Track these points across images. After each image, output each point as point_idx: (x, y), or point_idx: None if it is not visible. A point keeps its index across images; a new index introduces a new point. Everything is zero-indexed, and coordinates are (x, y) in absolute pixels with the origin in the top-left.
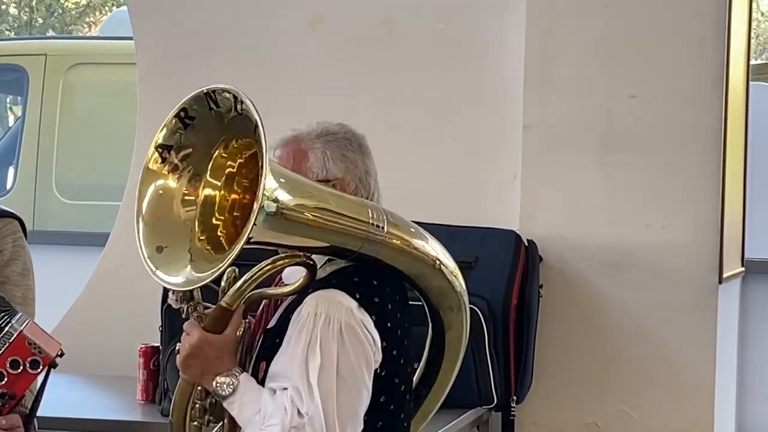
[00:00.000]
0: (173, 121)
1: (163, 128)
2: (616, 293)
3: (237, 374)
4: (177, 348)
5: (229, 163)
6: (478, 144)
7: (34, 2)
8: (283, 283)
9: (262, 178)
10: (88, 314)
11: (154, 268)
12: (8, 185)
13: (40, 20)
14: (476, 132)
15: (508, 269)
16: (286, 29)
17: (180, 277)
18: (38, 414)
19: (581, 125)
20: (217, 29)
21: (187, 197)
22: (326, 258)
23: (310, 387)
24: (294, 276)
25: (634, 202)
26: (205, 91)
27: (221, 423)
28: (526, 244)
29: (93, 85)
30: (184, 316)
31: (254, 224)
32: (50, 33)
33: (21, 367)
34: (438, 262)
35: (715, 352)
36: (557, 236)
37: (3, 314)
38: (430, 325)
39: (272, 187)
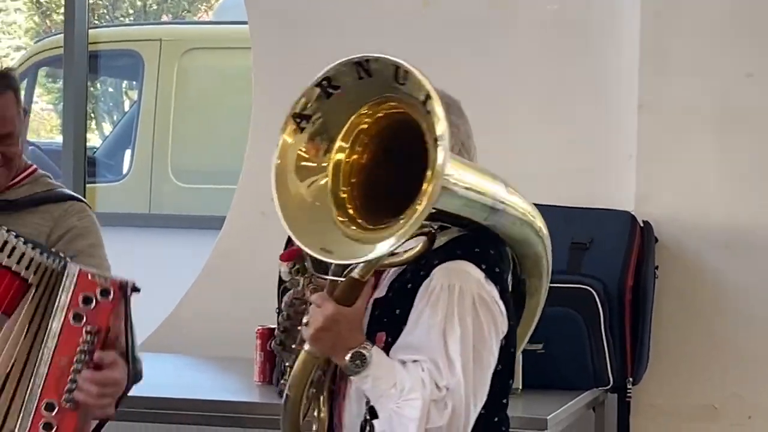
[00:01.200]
0: (313, 90)
1: (301, 97)
2: (732, 274)
3: (369, 347)
4: (305, 321)
5: (361, 128)
6: (593, 125)
7: None
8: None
9: (442, 151)
10: (205, 297)
11: (330, 259)
12: (124, 170)
13: (155, 6)
14: (591, 113)
15: (623, 250)
16: (399, 10)
17: (346, 251)
18: (157, 395)
19: (697, 105)
20: (331, 11)
21: (320, 165)
22: (437, 225)
23: (451, 360)
24: (405, 244)
25: (750, 182)
26: (356, 59)
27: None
28: (642, 225)
29: (207, 70)
30: (298, 288)
31: (433, 198)
32: (164, 18)
33: (94, 301)
34: (540, 228)
35: None
36: (673, 217)
37: (55, 258)
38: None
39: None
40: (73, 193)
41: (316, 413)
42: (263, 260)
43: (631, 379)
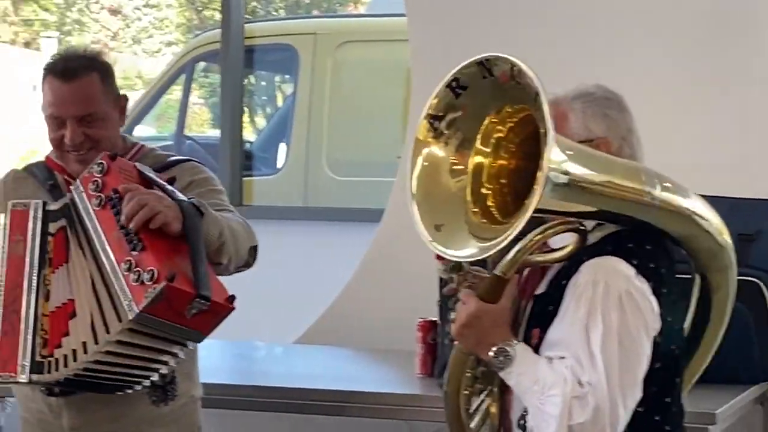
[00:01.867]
0: (444, 91)
1: (434, 98)
2: None
3: (513, 344)
4: (452, 317)
5: (498, 128)
6: (758, 114)
7: None
8: (548, 248)
9: (547, 147)
10: (364, 289)
11: (439, 247)
12: (279, 164)
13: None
14: (756, 103)
15: None
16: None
17: (466, 249)
18: (317, 387)
19: None
20: (490, 3)
21: (456, 166)
22: (595, 222)
23: (592, 356)
24: (559, 242)
25: None
26: (478, 59)
27: (488, 391)
28: None
29: (362, 63)
30: (454, 285)
31: (540, 195)
32: (316, 12)
33: (99, 181)
34: (705, 221)
35: None
36: None
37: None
38: (697, 286)
39: (558, 159)
40: (182, 157)
41: (485, 406)
42: (423, 252)
43: None
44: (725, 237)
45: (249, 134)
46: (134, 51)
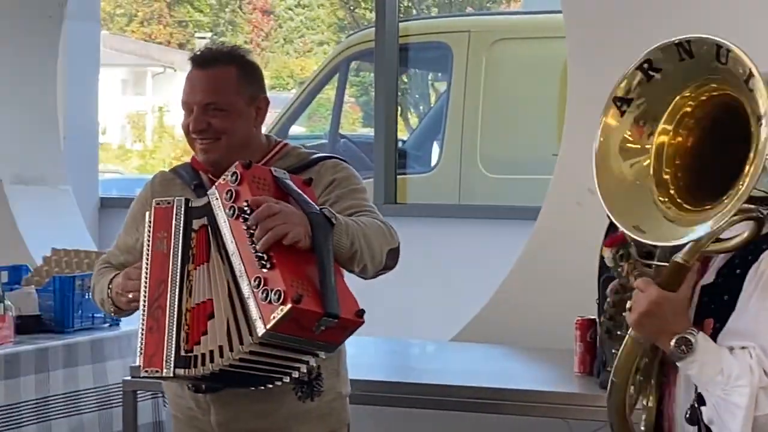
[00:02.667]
0: (634, 73)
1: (622, 81)
2: None
3: (694, 333)
4: (628, 306)
5: (685, 109)
6: None
7: None
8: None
9: (763, 129)
10: (520, 287)
11: (659, 243)
12: (433, 162)
13: None
14: None
15: None
16: None
17: (688, 235)
18: (474, 384)
19: None
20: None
21: (637, 148)
22: None
23: None
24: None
25: None
26: (677, 41)
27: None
28: None
29: (516, 60)
30: (623, 275)
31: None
32: (469, 9)
33: (233, 191)
34: None
35: None
36: None
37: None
38: None
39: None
40: (325, 154)
41: (644, 402)
42: (580, 251)
43: None
44: None
45: (402, 133)
46: (286, 51)
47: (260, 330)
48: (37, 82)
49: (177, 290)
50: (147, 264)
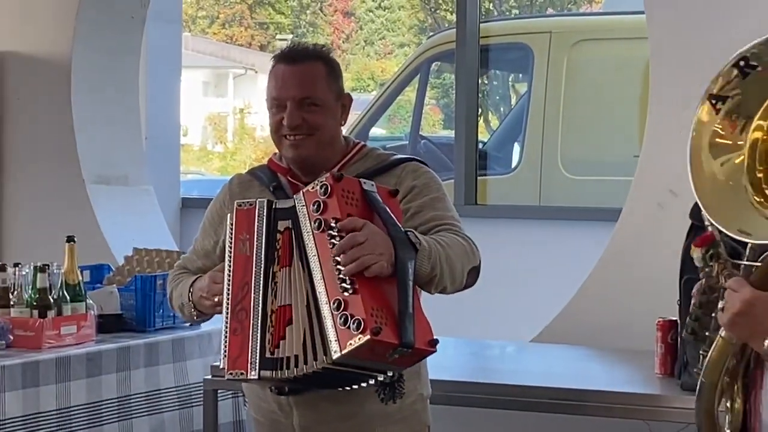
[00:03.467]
0: (730, 71)
1: (717, 78)
2: None
3: None
4: (720, 306)
5: None
6: None
7: None
8: None
9: None
10: (601, 289)
11: (745, 239)
12: (513, 163)
13: None
14: None
15: None
16: None
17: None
18: (554, 385)
19: None
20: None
21: (731, 146)
22: None
23: None
24: None
25: None
26: None
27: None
28: None
29: (597, 61)
30: (712, 275)
31: None
32: (550, 10)
33: (321, 203)
34: None
35: None
36: None
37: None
38: None
39: None
40: (404, 156)
41: (729, 404)
42: (660, 252)
43: None
44: None
45: (483, 134)
46: (367, 53)
47: (335, 354)
48: (119, 83)
49: (261, 291)
50: (230, 266)
